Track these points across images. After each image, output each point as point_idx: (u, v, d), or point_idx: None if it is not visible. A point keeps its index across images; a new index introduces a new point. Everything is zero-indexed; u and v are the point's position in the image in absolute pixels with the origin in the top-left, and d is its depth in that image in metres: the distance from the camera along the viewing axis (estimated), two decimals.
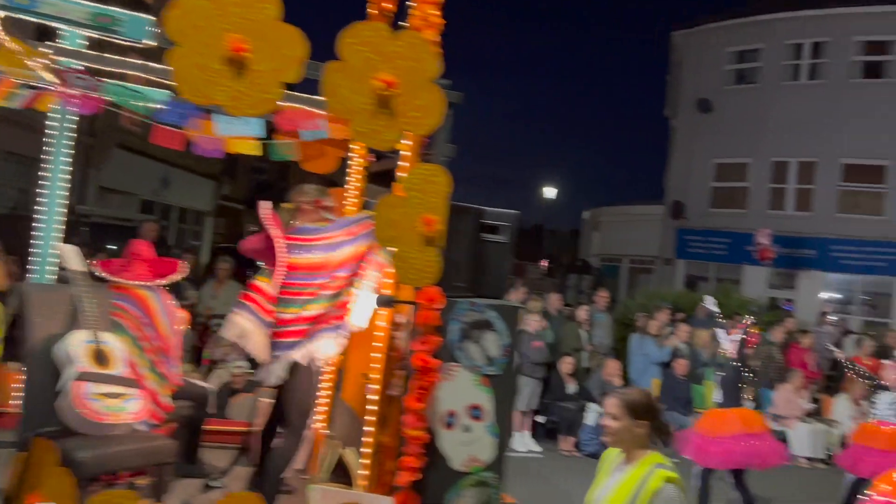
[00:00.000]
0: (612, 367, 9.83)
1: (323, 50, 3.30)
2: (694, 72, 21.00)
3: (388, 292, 3.82)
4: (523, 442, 9.00)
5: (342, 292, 3.95)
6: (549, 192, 37.46)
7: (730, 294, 15.00)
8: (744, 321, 7.41)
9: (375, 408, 3.78)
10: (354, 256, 3.94)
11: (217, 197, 22.35)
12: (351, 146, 4.84)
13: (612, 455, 2.99)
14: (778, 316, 13.52)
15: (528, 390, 9.02)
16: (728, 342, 7.03)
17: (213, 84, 2.94)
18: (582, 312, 10.39)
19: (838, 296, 18.48)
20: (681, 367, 10.00)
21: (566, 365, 9.38)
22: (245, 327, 3.89)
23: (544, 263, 49.90)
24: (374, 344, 3.91)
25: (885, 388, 7.17)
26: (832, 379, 12.86)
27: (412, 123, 3.32)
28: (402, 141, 3.65)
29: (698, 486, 6.54)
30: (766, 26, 19.64)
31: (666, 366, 10.17)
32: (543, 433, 9.43)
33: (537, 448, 9.02)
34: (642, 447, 2.87)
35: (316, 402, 4.46)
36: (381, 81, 3.15)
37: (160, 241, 9.63)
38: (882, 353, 12.02)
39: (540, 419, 9.46)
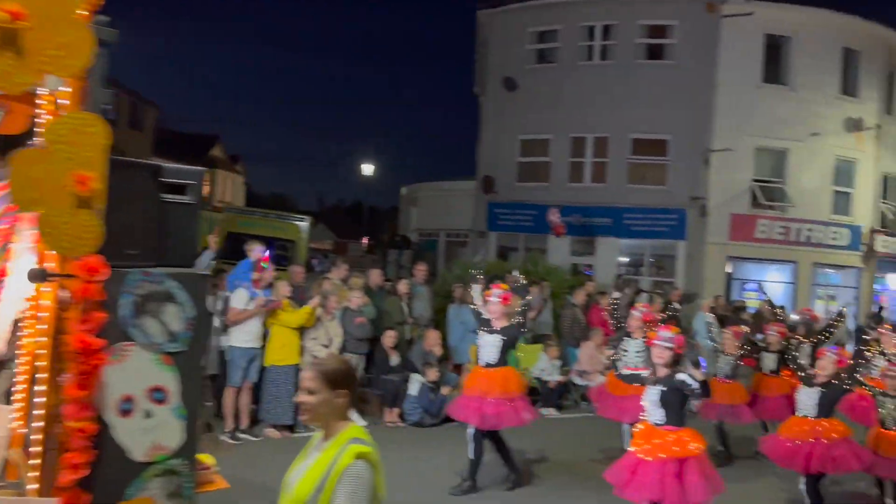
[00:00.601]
0: (432, 338, 10.14)
1: None
2: (499, 50, 21.86)
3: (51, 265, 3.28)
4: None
5: (4, 247, 3.54)
6: (367, 168, 37.59)
7: (537, 262, 16.00)
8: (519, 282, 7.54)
9: (44, 399, 3.27)
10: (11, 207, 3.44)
11: None
12: (38, 101, 4.32)
13: (318, 435, 2.83)
14: (580, 280, 14.62)
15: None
16: (482, 300, 7.07)
17: None
18: (402, 286, 10.58)
19: (626, 259, 20.34)
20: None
21: (388, 338, 9.53)
22: None
23: (365, 240, 50.03)
24: (38, 326, 3.36)
25: (630, 336, 7.84)
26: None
27: (52, 64, 2.84)
28: (61, 87, 3.14)
29: (473, 447, 6.70)
30: (562, 8, 20.87)
31: None
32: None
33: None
34: (342, 419, 2.74)
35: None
36: (5, 12, 2.69)
37: None
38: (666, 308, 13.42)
39: None
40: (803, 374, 6.51)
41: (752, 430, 8.76)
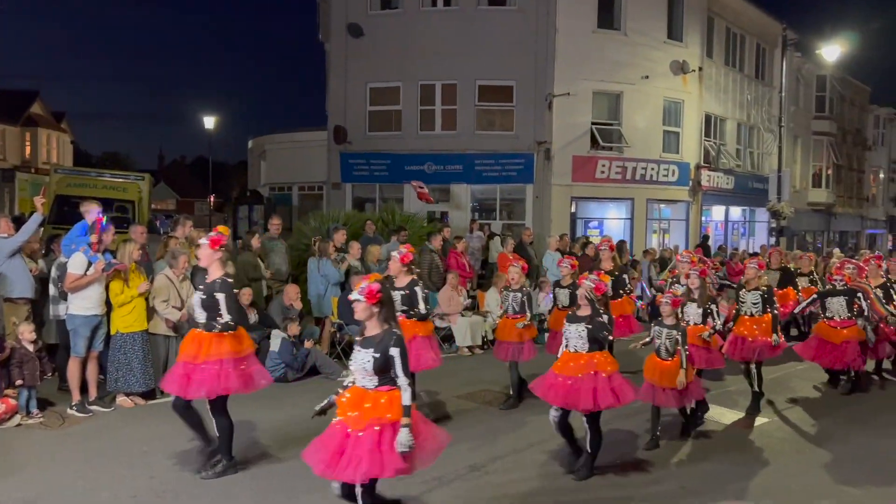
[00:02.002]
0: (291, 292, 10.00)
1: None
2: None
3: None
4: None
5: None
6: (209, 121, 35.75)
7: (394, 211, 16.08)
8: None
9: None
10: None
11: None
12: None
13: None
14: (437, 227, 14.88)
15: None
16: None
17: None
18: (255, 241, 10.30)
19: (478, 204, 20.87)
20: (357, 283, 10.52)
21: (244, 296, 9.28)
22: None
23: (212, 198, 47.86)
24: None
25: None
26: (483, 276, 14.71)
27: None
28: None
29: (180, 415, 5.94)
30: None
31: (343, 284, 10.64)
32: None
33: None
34: None
35: None
36: None
37: None
38: (521, 248, 14.03)
39: None
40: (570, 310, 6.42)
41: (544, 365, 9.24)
